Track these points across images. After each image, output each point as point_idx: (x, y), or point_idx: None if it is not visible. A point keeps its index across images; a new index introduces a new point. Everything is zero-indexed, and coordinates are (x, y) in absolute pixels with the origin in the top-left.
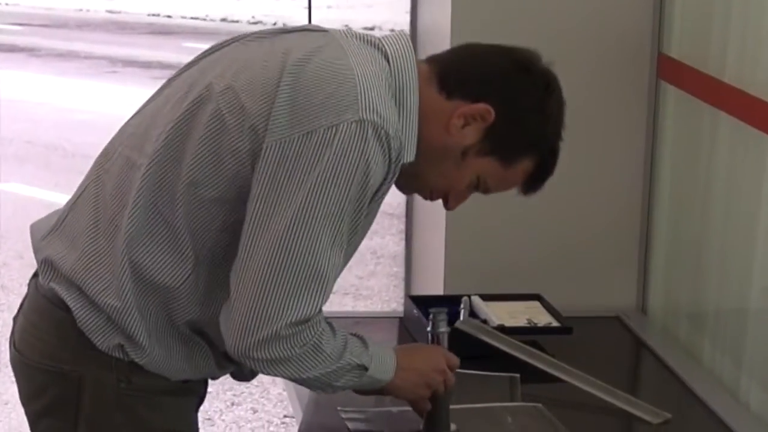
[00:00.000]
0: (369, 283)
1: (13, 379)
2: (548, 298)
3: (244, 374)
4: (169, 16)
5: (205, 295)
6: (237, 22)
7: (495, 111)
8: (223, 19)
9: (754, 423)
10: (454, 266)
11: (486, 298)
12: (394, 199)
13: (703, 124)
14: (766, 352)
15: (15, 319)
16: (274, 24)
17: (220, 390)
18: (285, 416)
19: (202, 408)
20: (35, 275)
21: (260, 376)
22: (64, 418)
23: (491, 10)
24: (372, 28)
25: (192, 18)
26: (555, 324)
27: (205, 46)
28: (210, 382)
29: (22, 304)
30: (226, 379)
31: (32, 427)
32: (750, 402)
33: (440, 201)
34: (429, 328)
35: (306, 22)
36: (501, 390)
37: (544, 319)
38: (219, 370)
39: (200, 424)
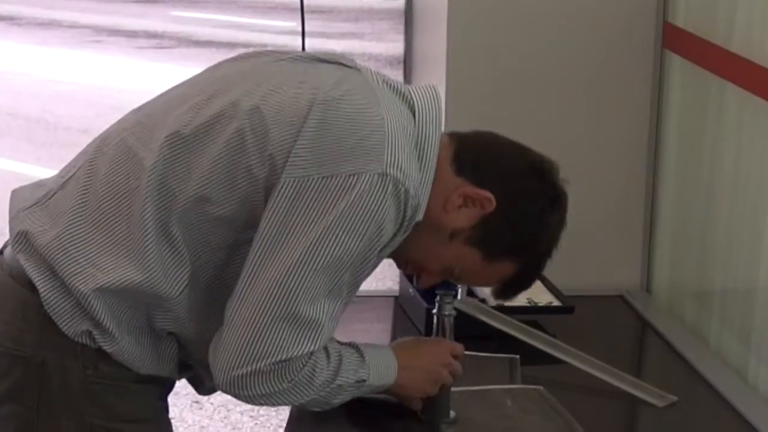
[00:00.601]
0: None
1: None
2: (549, 276)
3: (205, 388)
4: None
5: (197, 315)
6: None
7: (496, 204)
8: None
9: (763, 405)
10: None
11: None
12: None
13: (710, 96)
14: None
15: None
16: None
17: None
18: None
19: (190, 391)
20: (0, 252)
21: None
22: (25, 404)
23: None
24: None
25: None
26: (556, 303)
27: (193, 14)
28: None
29: None
30: None
31: None
32: (758, 384)
33: None
34: (434, 310)
35: None
36: (500, 372)
37: (544, 298)
38: (178, 372)
39: (188, 408)
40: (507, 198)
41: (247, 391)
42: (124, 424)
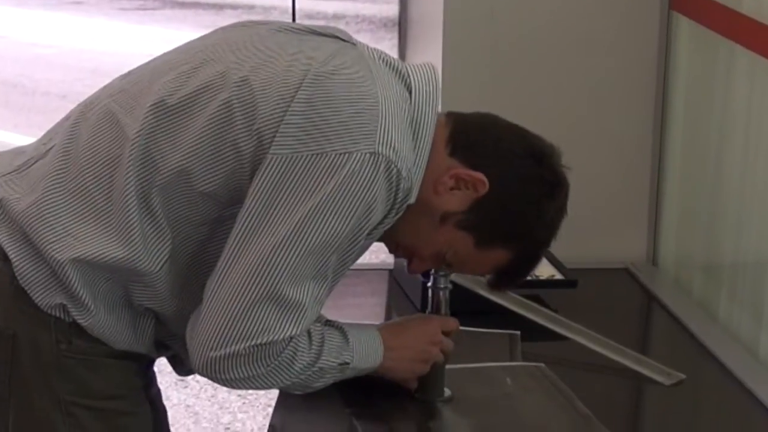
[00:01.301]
0: None
1: None
2: (551, 248)
3: (184, 368)
4: None
5: (179, 291)
6: None
7: (490, 186)
8: None
9: None
10: None
11: None
12: None
13: (719, 59)
14: None
15: None
16: None
17: None
18: None
19: None
20: None
21: None
22: None
23: None
24: None
25: None
26: (558, 276)
27: None
28: None
29: None
30: None
31: None
32: None
33: None
34: (429, 284)
35: None
36: (499, 348)
37: (546, 271)
38: (156, 350)
39: (173, 386)
40: (502, 181)
41: (223, 375)
42: (99, 401)
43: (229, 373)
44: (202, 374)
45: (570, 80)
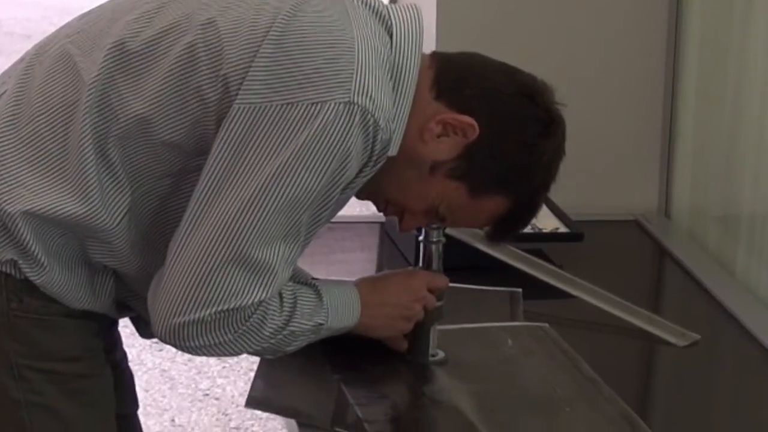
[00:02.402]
0: None
1: None
2: (555, 198)
3: (147, 330)
4: None
5: (141, 248)
6: None
7: (480, 130)
8: None
9: None
10: None
11: None
12: None
13: None
14: None
15: None
16: None
17: None
18: None
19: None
20: None
21: None
22: None
23: None
24: None
25: None
26: (563, 229)
27: None
28: None
29: None
30: None
31: None
32: None
33: None
34: (420, 238)
35: None
36: (500, 307)
37: (550, 223)
38: (117, 311)
39: (147, 349)
40: (492, 123)
41: (188, 342)
42: (53, 363)
43: (194, 340)
44: (164, 341)
45: (577, 22)
